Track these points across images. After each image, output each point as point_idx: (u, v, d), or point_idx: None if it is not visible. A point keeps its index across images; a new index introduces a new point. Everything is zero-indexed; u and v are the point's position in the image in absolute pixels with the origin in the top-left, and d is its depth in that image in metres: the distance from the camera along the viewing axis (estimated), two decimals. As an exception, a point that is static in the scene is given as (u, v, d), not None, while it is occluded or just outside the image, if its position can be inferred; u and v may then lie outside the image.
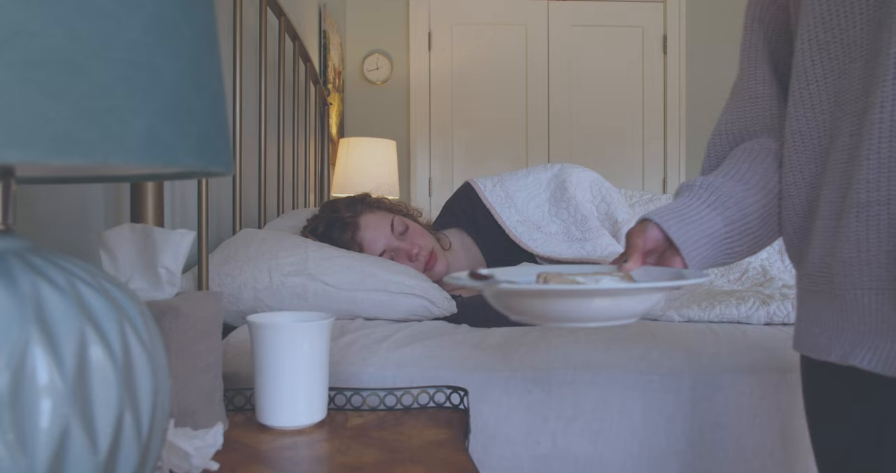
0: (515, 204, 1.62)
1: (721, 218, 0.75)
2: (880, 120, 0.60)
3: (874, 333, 0.63)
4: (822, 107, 0.69)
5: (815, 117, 0.70)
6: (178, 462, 0.58)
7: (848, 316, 0.65)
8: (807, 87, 0.70)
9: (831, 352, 0.66)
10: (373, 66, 3.89)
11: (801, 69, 0.70)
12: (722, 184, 0.76)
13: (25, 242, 0.41)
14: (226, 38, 1.37)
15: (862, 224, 0.62)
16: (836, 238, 0.64)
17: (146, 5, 0.36)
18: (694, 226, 0.73)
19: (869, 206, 0.61)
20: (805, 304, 0.73)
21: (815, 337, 0.69)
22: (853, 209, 0.62)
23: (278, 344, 0.75)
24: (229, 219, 1.55)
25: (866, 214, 0.61)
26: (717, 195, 0.75)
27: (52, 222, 0.88)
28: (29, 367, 0.35)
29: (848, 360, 0.64)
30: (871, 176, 0.61)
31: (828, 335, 0.68)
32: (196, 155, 0.39)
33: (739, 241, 0.76)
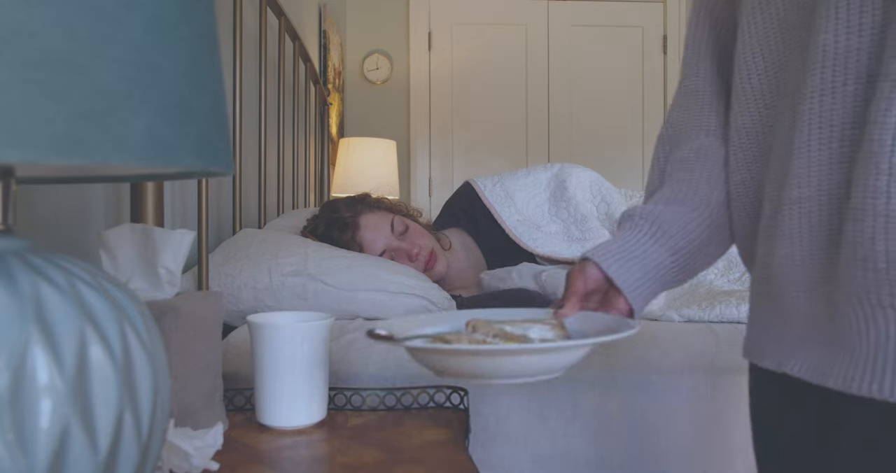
0: (515, 203, 1.62)
1: (665, 249, 0.72)
2: (810, 110, 0.56)
3: (807, 339, 0.59)
4: (763, 100, 0.66)
5: (757, 112, 0.66)
6: (179, 462, 0.58)
7: (787, 321, 0.62)
8: (748, 80, 0.67)
9: (766, 358, 0.64)
10: (373, 66, 3.89)
11: (741, 61, 0.67)
12: (663, 212, 0.73)
13: (25, 242, 0.41)
14: (226, 38, 1.37)
15: (795, 220, 0.58)
16: (774, 236, 0.61)
17: (146, 5, 0.36)
18: (636, 262, 0.71)
19: (801, 202, 0.57)
20: (753, 308, 0.70)
21: (762, 342, 0.66)
22: (787, 205, 0.59)
23: (278, 344, 0.75)
24: (229, 219, 1.55)
25: (798, 210, 0.58)
26: (658, 225, 0.73)
27: (52, 222, 0.88)
28: (29, 367, 0.35)
29: (781, 368, 0.61)
30: (803, 170, 0.57)
31: (771, 340, 0.65)
32: (196, 155, 0.39)
33: (688, 265, 0.74)
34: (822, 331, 0.57)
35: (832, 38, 0.54)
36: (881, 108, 0.50)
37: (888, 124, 0.49)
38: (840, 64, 0.54)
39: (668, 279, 0.73)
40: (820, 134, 0.56)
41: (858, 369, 0.53)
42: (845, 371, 0.54)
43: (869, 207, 0.50)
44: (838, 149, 0.55)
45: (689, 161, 0.75)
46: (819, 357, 0.57)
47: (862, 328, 0.53)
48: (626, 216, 0.76)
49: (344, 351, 1.04)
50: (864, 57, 0.53)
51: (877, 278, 0.51)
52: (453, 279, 1.56)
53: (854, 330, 0.54)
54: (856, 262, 0.52)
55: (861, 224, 0.51)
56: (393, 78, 3.91)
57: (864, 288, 0.52)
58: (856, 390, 0.53)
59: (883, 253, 0.50)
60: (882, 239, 0.50)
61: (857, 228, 0.51)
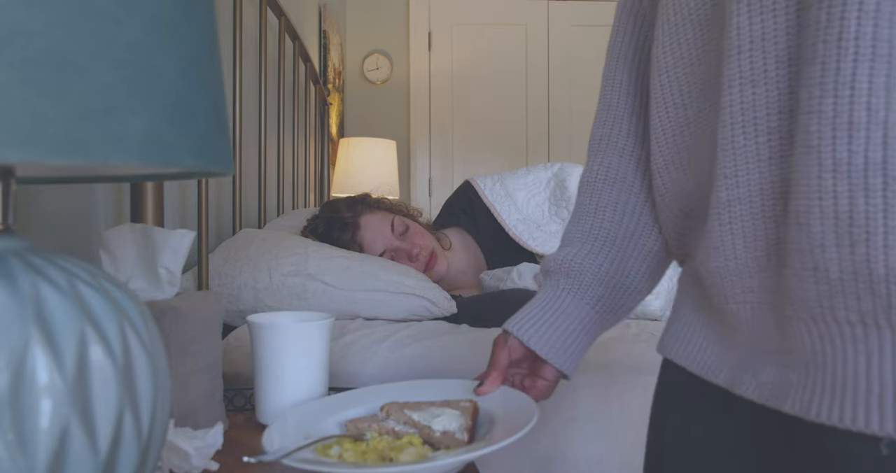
0: (515, 202, 1.62)
1: (584, 302, 0.70)
2: (730, 102, 0.49)
3: (759, 355, 0.52)
4: (674, 98, 0.59)
5: (668, 113, 0.60)
6: (179, 462, 0.58)
7: (732, 334, 0.55)
8: (657, 78, 0.61)
9: (718, 374, 0.56)
10: (373, 66, 3.89)
11: (655, 59, 0.61)
12: (581, 264, 0.70)
13: (25, 242, 0.41)
14: (226, 38, 1.37)
15: (726, 226, 0.51)
16: (706, 244, 0.54)
17: (146, 5, 0.36)
18: (556, 327, 0.69)
19: (731, 205, 0.50)
20: (685, 308, 0.64)
21: (698, 349, 0.60)
22: (715, 209, 0.51)
23: (278, 344, 0.75)
24: (229, 219, 1.55)
25: (729, 215, 0.50)
26: (572, 277, 0.70)
27: (52, 222, 0.88)
28: (29, 367, 0.35)
29: (733, 388, 0.53)
30: (729, 169, 0.50)
31: (713, 351, 0.58)
32: (196, 155, 0.39)
33: (616, 307, 0.72)
34: (776, 348, 0.51)
35: (746, 20, 0.48)
36: (814, 95, 0.43)
37: (825, 112, 0.42)
38: (757, 48, 0.48)
39: (597, 329, 0.72)
40: (744, 127, 0.49)
41: (816, 393, 0.46)
42: (802, 394, 0.47)
43: (815, 210, 0.43)
44: (766, 143, 0.48)
45: (596, 184, 0.72)
46: (773, 376, 0.50)
47: (817, 346, 0.46)
48: (545, 271, 0.73)
49: (344, 351, 1.04)
50: (783, 39, 0.47)
51: (830, 290, 0.44)
52: (453, 279, 1.56)
53: (808, 348, 0.47)
54: (805, 272, 0.45)
55: (808, 229, 0.44)
56: (393, 78, 3.91)
57: (816, 301, 0.45)
58: (814, 416, 0.46)
59: (836, 262, 0.43)
60: (833, 246, 0.43)
61: (804, 234, 0.44)
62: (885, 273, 0.41)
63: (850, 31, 0.41)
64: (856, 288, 0.42)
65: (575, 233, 0.73)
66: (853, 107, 0.41)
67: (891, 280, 0.41)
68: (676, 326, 0.64)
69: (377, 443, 0.61)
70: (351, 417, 0.68)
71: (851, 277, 0.42)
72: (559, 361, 0.69)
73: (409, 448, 0.60)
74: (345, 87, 3.79)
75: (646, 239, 0.71)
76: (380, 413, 0.67)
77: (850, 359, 0.44)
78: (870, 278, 0.41)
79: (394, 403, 0.67)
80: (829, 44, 0.42)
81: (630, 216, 0.71)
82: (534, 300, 0.73)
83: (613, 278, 0.71)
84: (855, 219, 0.41)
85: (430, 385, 0.77)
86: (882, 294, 0.41)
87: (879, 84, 0.40)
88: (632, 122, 0.72)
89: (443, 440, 0.62)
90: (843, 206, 0.42)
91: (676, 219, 0.64)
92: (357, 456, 0.59)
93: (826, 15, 0.42)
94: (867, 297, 0.42)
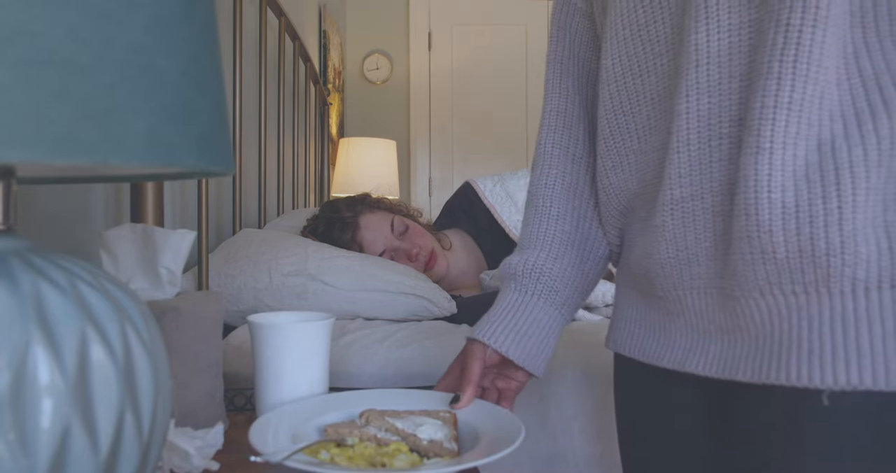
0: (516, 203, 1.62)
1: (554, 306, 0.74)
2: (686, 110, 0.56)
3: (703, 335, 0.59)
4: (623, 107, 0.65)
5: (616, 118, 0.66)
6: (179, 462, 0.58)
7: (674, 318, 0.62)
8: (606, 87, 0.66)
9: (663, 358, 0.63)
10: (373, 66, 3.89)
11: (603, 69, 0.67)
12: (551, 268, 0.74)
13: (26, 242, 0.41)
14: (226, 38, 1.37)
15: (678, 221, 0.58)
16: (652, 238, 0.61)
17: (147, 6, 0.36)
18: (529, 333, 0.72)
19: (683, 202, 0.57)
20: (626, 302, 0.70)
21: (641, 338, 0.67)
22: (667, 206, 0.58)
23: (278, 344, 0.75)
24: (229, 219, 1.55)
25: (681, 211, 0.57)
26: (545, 283, 0.74)
27: (53, 222, 0.88)
28: (30, 367, 0.35)
29: (684, 368, 0.61)
30: (683, 170, 0.56)
31: (657, 338, 0.65)
32: (197, 155, 0.39)
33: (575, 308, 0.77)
34: (720, 327, 0.58)
35: (704, 37, 0.54)
36: (768, 106, 0.50)
37: (778, 121, 0.49)
38: (714, 62, 0.54)
39: (559, 331, 0.76)
40: (699, 133, 0.55)
41: (765, 360, 0.53)
42: (752, 363, 0.54)
43: (764, 202, 0.50)
44: (717, 147, 0.55)
45: (556, 190, 0.76)
46: (722, 352, 0.57)
47: (766, 318, 0.53)
48: (510, 275, 0.76)
49: (344, 351, 1.04)
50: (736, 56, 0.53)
51: (777, 269, 0.51)
52: (453, 279, 1.56)
53: (758, 321, 0.54)
54: (753, 257, 0.52)
55: (755, 218, 0.51)
56: (393, 78, 3.91)
57: (765, 279, 0.52)
58: (764, 379, 0.53)
59: (782, 244, 0.50)
60: (780, 231, 0.50)
61: (751, 223, 0.51)
62: (826, 248, 0.49)
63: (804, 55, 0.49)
64: (801, 264, 0.50)
65: (536, 238, 0.76)
66: (800, 119, 0.49)
67: (830, 253, 0.49)
68: (619, 323, 0.72)
69: (363, 449, 0.61)
70: (327, 422, 0.67)
71: (797, 256, 0.50)
72: (534, 366, 0.73)
73: (399, 455, 0.60)
74: (345, 87, 3.79)
75: (598, 243, 0.77)
76: (359, 420, 0.67)
77: (795, 325, 0.52)
78: (812, 254, 0.50)
79: (373, 410, 0.67)
80: (784, 64, 0.49)
81: (583, 221, 0.76)
82: (500, 305, 0.75)
83: (575, 280, 0.75)
84: (800, 206, 0.49)
85: (403, 394, 0.77)
86: (823, 265, 0.49)
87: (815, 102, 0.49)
88: (580, 128, 0.77)
89: (431, 448, 0.62)
90: (790, 197, 0.49)
91: (617, 216, 0.71)
92: (346, 461, 0.59)
93: (783, 38, 0.49)
94: (810, 270, 0.50)
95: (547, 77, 0.80)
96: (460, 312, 1.27)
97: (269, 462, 0.56)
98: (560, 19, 0.78)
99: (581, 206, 0.76)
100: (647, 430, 0.71)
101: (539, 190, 0.77)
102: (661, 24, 0.60)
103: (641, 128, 0.64)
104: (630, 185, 0.67)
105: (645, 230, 0.63)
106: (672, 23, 0.59)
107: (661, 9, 0.60)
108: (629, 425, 0.75)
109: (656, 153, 0.62)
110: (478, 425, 0.68)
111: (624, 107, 0.65)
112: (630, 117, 0.65)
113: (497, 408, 0.72)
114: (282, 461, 0.56)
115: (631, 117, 0.65)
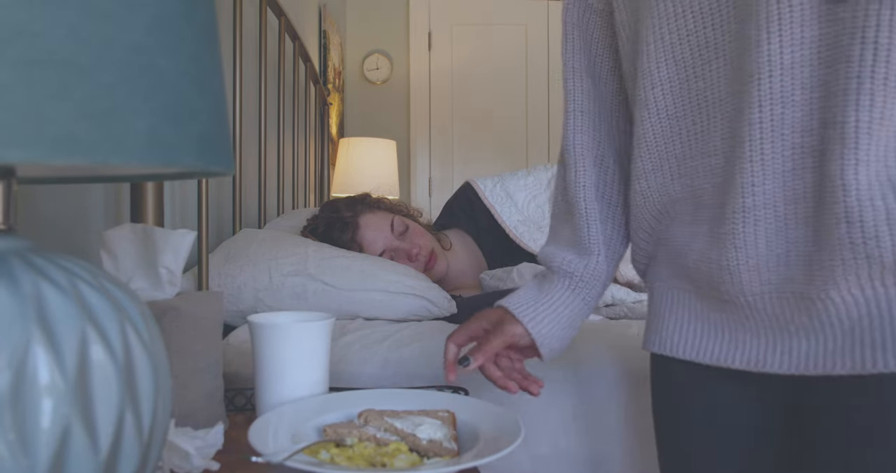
0: (516, 204, 1.61)
1: (580, 299, 0.79)
2: (760, 120, 0.57)
3: (782, 335, 0.61)
4: (667, 111, 0.66)
5: (660, 122, 0.67)
6: (179, 462, 0.58)
7: (742, 321, 0.64)
8: (651, 91, 0.67)
9: (734, 359, 0.65)
10: (373, 66, 3.89)
11: (646, 72, 0.67)
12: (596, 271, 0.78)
13: (26, 242, 0.41)
14: (226, 38, 1.37)
15: (749, 229, 0.59)
16: (719, 244, 0.62)
17: (148, 6, 0.36)
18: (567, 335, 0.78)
19: (755, 210, 0.59)
20: (676, 305, 0.71)
21: (702, 341, 0.68)
22: (738, 214, 0.60)
23: (278, 344, 0.75)
24: (229, 219, 1.55)
25: (753, 219, 0.59)
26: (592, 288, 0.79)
27: (53, 222, 0.88)
28: (30, 367, 0.35)
29: (763, 368, 0.63)
30: (757, 178, 0.58)
31: (722, 340, 0.66)
32: (197, 155, 0.39)
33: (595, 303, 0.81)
34: (801, 327, 0.60)
35: (777, 49, 0.56)
36: (863, 120, 0.52)
37: (875, 135, 0.52)
38: (787, 74, 0.56)
39: (579, 324, 0.81)
40: (773, 143, 0.57)
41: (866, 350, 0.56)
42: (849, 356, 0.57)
43: (868, 210, 0.53)
44: (790, 157, 0.57)
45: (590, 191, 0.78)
46: (809, 350, 0.60)
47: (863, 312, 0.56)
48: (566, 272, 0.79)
49: (344, 351, 1.04)
50: (808, 68, 0.55)
51: (883, 269, 0.54)
52: (453, 279, 1.56)
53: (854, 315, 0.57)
54: (857, 262, 0.54)
55: (859, 226, 0.53)
56: (393, 78, 3.91)
57: (867, 278, 0.55)
58: (870, 369, 0.56)
59: (889, 249, 0.53)
60: (887, 236, 0.53)
61: (854, 231, 0.53)
62: None
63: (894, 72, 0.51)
64: None
65: (582, 239, 0.79)
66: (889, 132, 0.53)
67: None
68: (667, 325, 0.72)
69: (362, 449, 0.61)
70: (326, 422, 0.67)
71: None
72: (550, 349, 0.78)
73: (399, 454, 0.60)
74: (345, 87, 3.79)
75: (620, 245, 0.80)
76: (357, 420, 0.67)
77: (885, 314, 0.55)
78: None
79: (372, 410, 0.68)
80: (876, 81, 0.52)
81: (612, 224, 0.80)
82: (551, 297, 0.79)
83: (605, 281, 0.80)
84: None
85: (402, 394, 0.77)
86: None
87: None
88: (605, 129, 0.80)
89: (430, 448, 0.62)
90: (892, 205, 0.53)
91: (650, 220, 0.72)
92: (346, 462, 0.59)
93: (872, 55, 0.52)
94: None
95: (566, 75, 0.81)
96: (460, 312, 1.27)
97: (270, 463, 0.56)
98: (573, 17, 0.80)
99: (610, 210, 0.79)
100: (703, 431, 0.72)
101: (578, 191, 0.79)
102: (713, 31, 0.61)
103: (686, 132, 0.65)
104: (671, 189, 0.68)
105: (705, 235, 0.64)
106: (726, 30, 0.60)
107: (713, 16, 0.61)
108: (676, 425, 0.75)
109: (704, 158, 0.63)
110: (478, 425, 0.68)
111: (668, 110, 0.66)
112: (674, 121, 0.66)
113: (497, 408, 0.72)
114: (282, 461, 0.56)
115: (675, 121, 0.66)
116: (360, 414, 0.67)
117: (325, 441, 0.63)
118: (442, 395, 0.75)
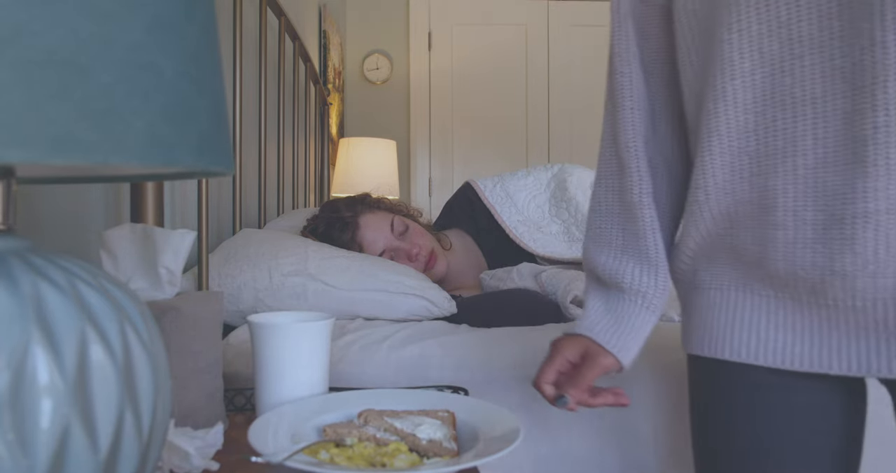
0: (516, 204, 1.62)
1: (651, 313, 0.78)
2: (886, 124, 0.56)
3: (888, 339, 0.61)
4: (746, 104, 0.63)
5: (736, 116, 0.64)
6: (179, 462, 0.58)
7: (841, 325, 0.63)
8: (731, 82, 0.63)
9: (831, 365, 0.64)
10: (373, 66, 3.89)
11: (726, 61, 0.63)
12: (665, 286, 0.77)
13: (26, 242, 0.41)
14: (226, 38, 1.37)
15: (870, 234, 0.58)
16: (835, 249, 0.60)
17: (148, 6, 0.36)
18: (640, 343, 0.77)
19: (878, 215, 0.57)
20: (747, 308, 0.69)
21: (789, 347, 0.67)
22: (859, 219, 0.58)
23: (278, 344, 0.75)
24: (229, 219, 1.55)
25: (874, 223, 0.58)
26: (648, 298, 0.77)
27: (52, 222, 0.88)
28: (29, 367, 0.35)
29: (868, 373, 0.62)
30: (881, 183, 0.57)
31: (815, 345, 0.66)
32: (196, 155, 0.39)
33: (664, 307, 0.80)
34: None
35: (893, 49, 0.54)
36: None
37: None
38: None
39: None
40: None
41: None
42: None
43: None
44: None
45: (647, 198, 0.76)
46: None
47: None
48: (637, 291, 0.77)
49: (344, 351, 1.04)
50: None
51: None
52: (453, 279, 1.56)
53: None
54: None
55: None
56: (393, 78, 3.91)
57: None
58: None
59: None
60: None
61: None
62: None
63: None
64: None
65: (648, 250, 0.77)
66: None
67: None
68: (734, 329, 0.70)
69: (362, 449, 0.61)
70: (326, 422, 0.67)
71: None
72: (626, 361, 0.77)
73: (399, 454, 0.60)
74: (345, 87, 3.79)
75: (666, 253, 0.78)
76: (357, 420, 0.67)
77: None
78: None
79: (372, 410, 0.68)
80: None
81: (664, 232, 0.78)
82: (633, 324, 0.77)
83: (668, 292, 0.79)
84: None
85: (402, 394, 0.77)
86: None
87: None
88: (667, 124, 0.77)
89: (430, 448, 0.62)
90: None
91: (709, 221, 0.69)
92: (346, 461, 0.59)
93: None
94: None
95: (617, 68, 0.77)
96: (460, 312, 1.27)
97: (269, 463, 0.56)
98: (626, 5, 0.75)
99: (659, 215, 0.77)
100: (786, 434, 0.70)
101: (642, 198, 0.76)
102: (809, 25, 0.59)
103: (765, 129, 0.63)
104: (738, 188, 0.66)
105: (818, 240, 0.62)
106: (824, 26, 0.58)
107: (810, 9, 0.58)
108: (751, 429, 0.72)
109: (786, 158, 0.61)
110: (477, 425, 0.68)
111: (748, 104, 0.63)
112: (752, 116, 0.63)
113: (497, 408, 0.72)
114: (282, 461, 0.56)
115: (753, 116, 0.63)
116: (359, 414, 0.67)
117: (324, 441, 0.63)
118: (442, 395, 0.75)
